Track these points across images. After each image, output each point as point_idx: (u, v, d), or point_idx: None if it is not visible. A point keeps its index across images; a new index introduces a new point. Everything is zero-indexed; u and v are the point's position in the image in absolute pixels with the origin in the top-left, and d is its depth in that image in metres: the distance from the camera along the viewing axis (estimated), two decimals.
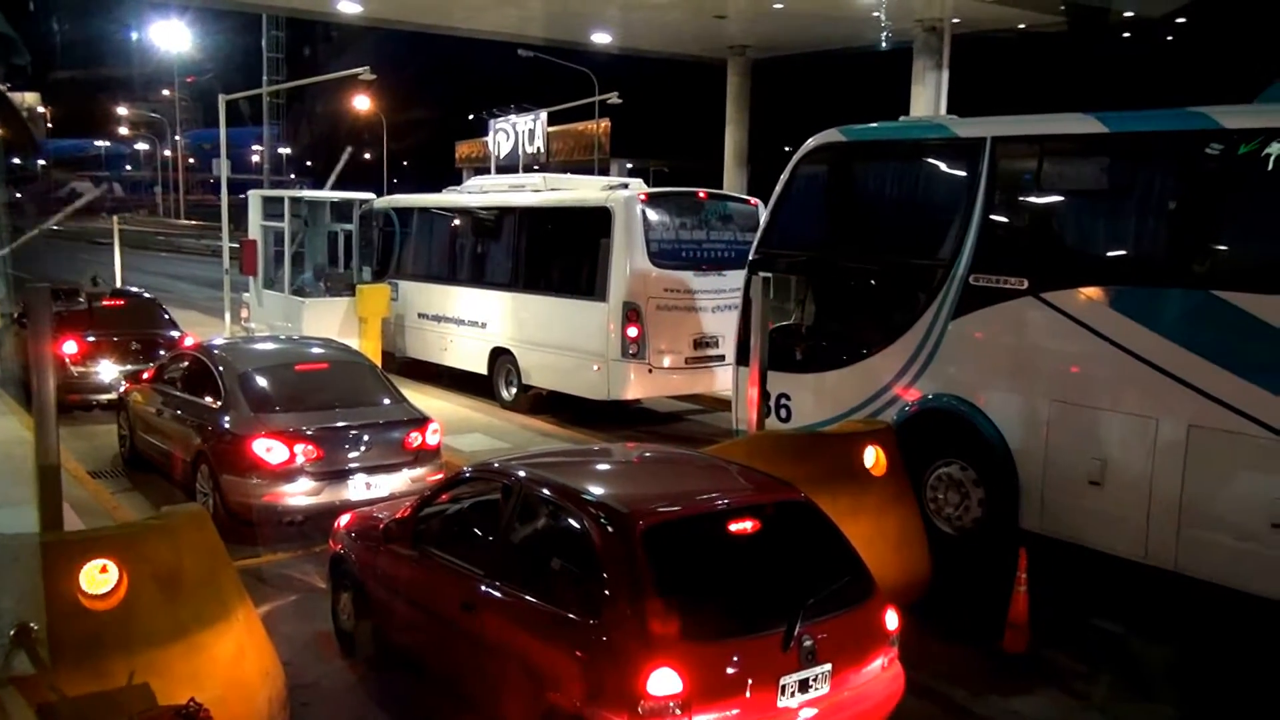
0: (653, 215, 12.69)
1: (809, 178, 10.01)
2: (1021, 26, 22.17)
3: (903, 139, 9.70)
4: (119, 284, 21.09)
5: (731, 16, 21.71)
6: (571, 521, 5.13)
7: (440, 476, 9.27)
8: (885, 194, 9.90)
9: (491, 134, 59.48)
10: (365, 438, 8.87)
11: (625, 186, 13.59)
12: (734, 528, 5.03)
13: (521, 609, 5.10)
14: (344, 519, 7.13)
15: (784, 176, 10.01)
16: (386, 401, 9.51)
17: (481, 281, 14.93)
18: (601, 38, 24.31)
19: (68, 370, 12.93)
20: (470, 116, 65.51)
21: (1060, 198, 8.68)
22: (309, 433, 8.65)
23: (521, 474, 5.63)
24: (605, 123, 48.70)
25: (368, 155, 77.62)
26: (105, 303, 13.62)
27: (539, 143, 47.40)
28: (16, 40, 17.51)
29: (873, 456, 7.74)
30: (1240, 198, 7.53)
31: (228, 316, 19.01)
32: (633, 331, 12.35)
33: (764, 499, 5.32)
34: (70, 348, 12.90)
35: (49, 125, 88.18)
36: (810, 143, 9.87)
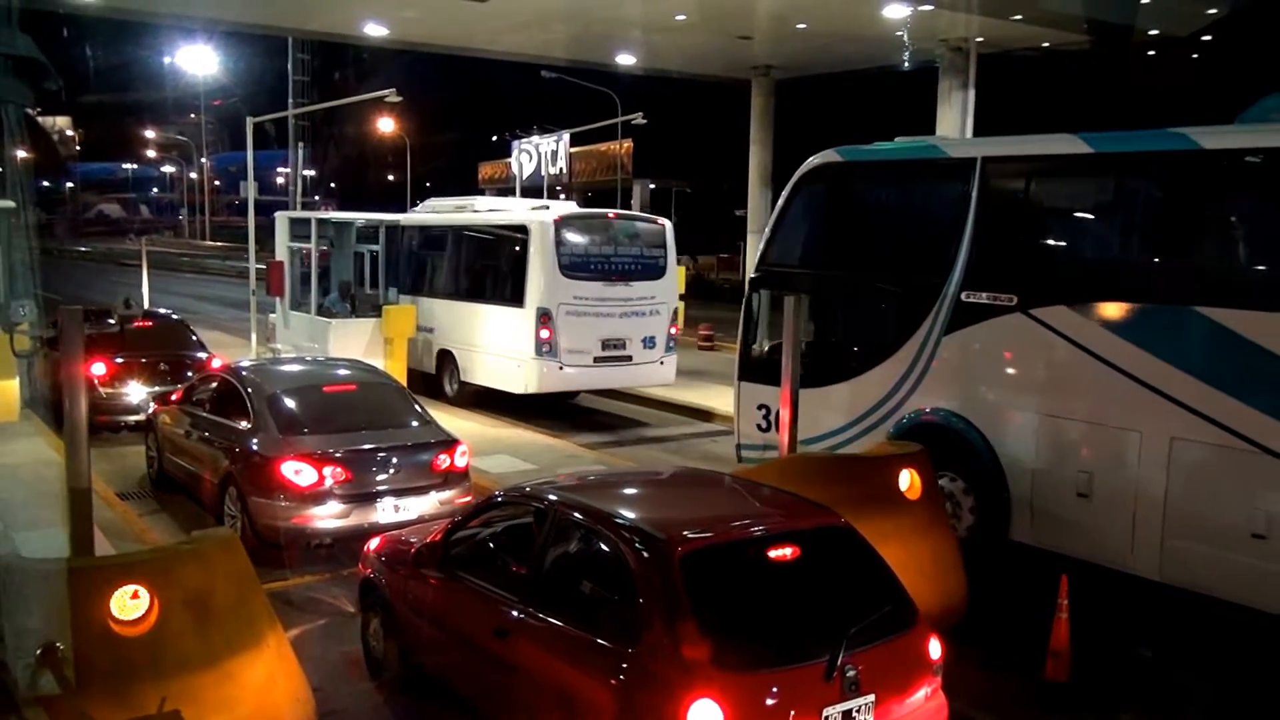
0: (566, 233, 14.32)
1: (807, 197, 10.25)
2: (1045, 45, 22.09)
3: (897, 160, 9.92)
4: (146, 305, 21.26)
5: (756, 38, 21.69)
6: (607, 547, 5.04)
7: (469, 499, 9.23)
8: (880, 212, 10.21)
9: (515, 155, 59.90)
10: (394, 460, 8.82)
11: (547, 208, 15.62)
12: (773, 554, 4.93)
13: (556, 636, 5.01)
14: (373, 543, 7.07)
15: (783, 195, 10.32)
16: (415, 423, 9.47)
17: (431, 292, 16.64)
18: (626, 59, 24.35)
19: (96, 392, 12.97)
20: (494, 138, 65.97)
21: (1047, 216, 8.95)
22: (337, 455, 8.61)
23: (555, 498, 5.55)
24: (628, 143, 48.84)
25: (391, 177, 78.28)
26: (134, 324, 13.65)
27: (561, 164, 47.66)
28: (48, 65, 17.66)
29: (907, 480, 7.62)
30: (1218, 216, 7.82)
31: (254, 337, 19.09)
32: (545, 334, 14.02)
33: (803, 524, 5.22)
34: (99, 369, 12.94)
35: (78, 148, 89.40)
36: (809, 163, 10.08)
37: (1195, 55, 30.31)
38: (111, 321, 13.36)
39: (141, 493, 10.95)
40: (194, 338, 14.49)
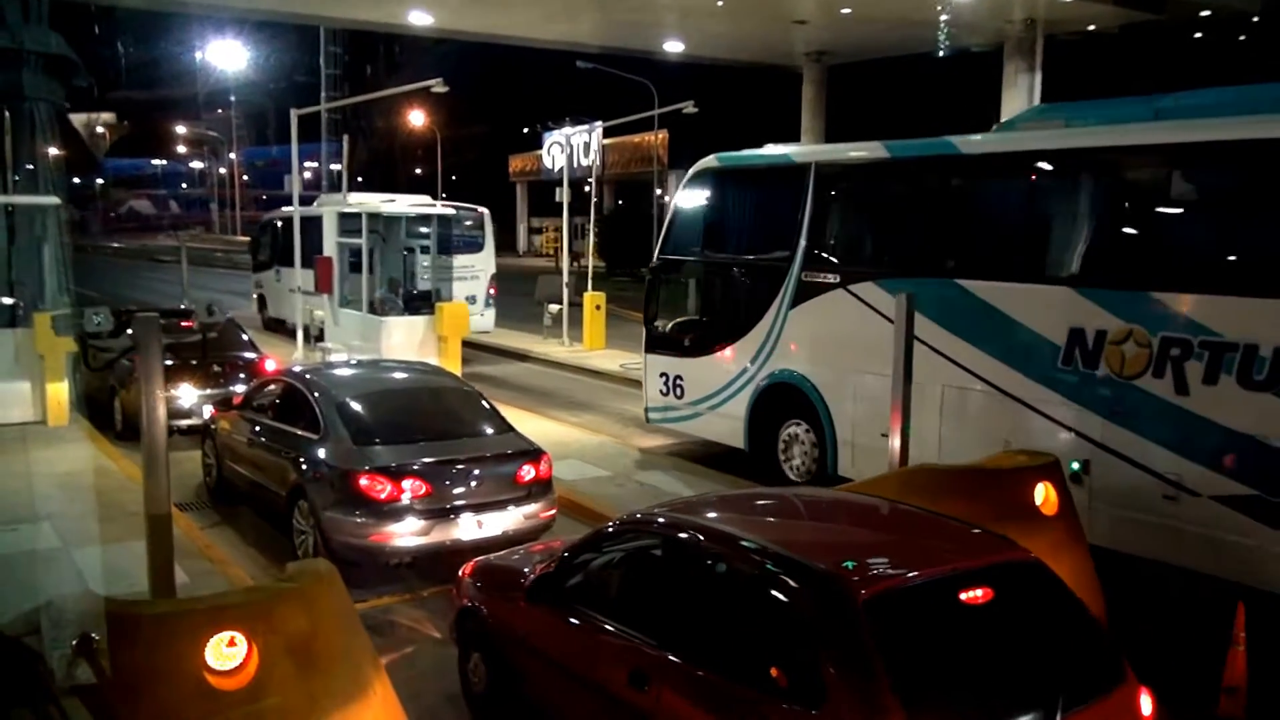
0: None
1: (694, 196, 12.25)
2: (1110, 26, 21.21)
3: (759, 165, 11.75)
4: (186, 303, 20.80)
5: (812, 21, 20.93)
6: (771, 587, 4.38)
7: (553, 513, 8.63)
8: (748, 208, 12.06)
9: (546, 147, 59.38)
10: (475, 472, 8.21)
11: (393, 201, 19.58)
12: (964, 596, 4.26)
13: (711, 689, 4.36)
14: (467, 568, 6.47)
15: (676, 195, 12.50)
16: (494, 431, 8.86)
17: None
18: (674, 46, 23.64)
19: None
20: (525, 130, 65.38)
21: (859, 208, 10.86)
22: (416, 467, 8.01)
23: (697, 528, 4.90)
24: (663, 134, 48.13)
25: (419, 170, 77.79)
26: (182, 324, 13.12)
27: (594, 155, 47.01)
28: (78, 63, 17.33)
29: (1043, 494, 6.98)
30: (973, 207, 9.75)
31: (300, 336, 18.57)
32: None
33: (991, 558, 4.55)
34: None
35: (108, 145, 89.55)
36: (695, 167, 12.22)
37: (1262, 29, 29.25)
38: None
39: (200, 503, 10.41)
40: (245, 337, 13.95)
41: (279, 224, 24.13)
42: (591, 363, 19.15)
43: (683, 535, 4.92)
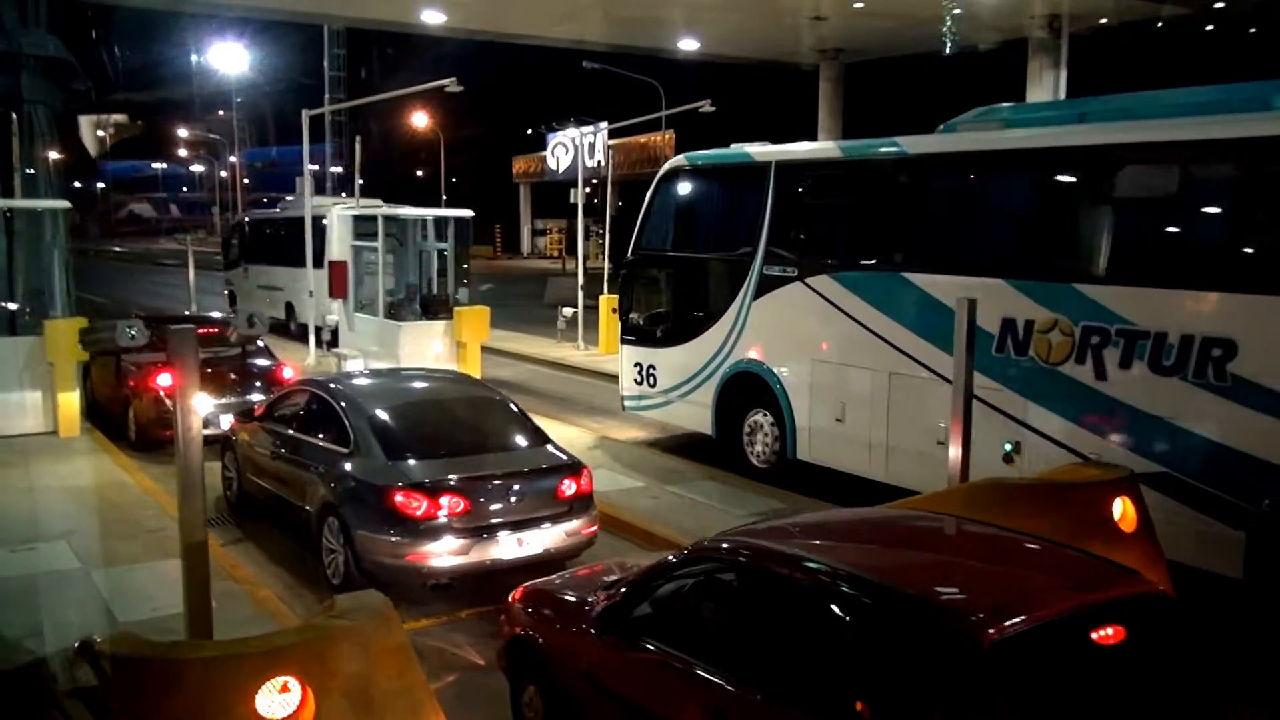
0: (351, 218, 18.61)
1: (664, 194, 12.70)
2: (1139, 18, 20.80)
3: (724, 164, 12.11)
4: (194, 308, 20.42)
5: (831, 17, 20.53)
6: (877, 625, 4.00)
7: (595, 529, 8.25)
8: (715, 205, 12.46)
9: (550, 148, 58.95)
10: (515, 487, 7.82)
11: (341, 201, 21.59)
12: (1095, 636, 3.87)
13: None
14: (517, 594, 6.08)
15: (648, 193, 12.82)
16: (531, 443, 8.47)
17: (281, 262, 23.44)
18: (689, 44, 23.23)
19: (162, 404, 12.08)
20: (529, 131, 64.94)
21: (815, 205, 11.11)
22: (453, 483, 7.61)
23: (785, 558, 4.51)
24: (669, 134, 47.71)
25: (420, 172, 77.25)
26: (199, 331, 12.69)
27: (599, 156, 46.60)
28: (76, 66, 17.00)
29: (1120, 509, 6.57)
30: (917, 203, 10.02)
31: (313, 341, 18.18)
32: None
33: (1118, 592, 4.15)
34: (165, 380, 12.02)
35: (109, 146, 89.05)
36: (665, 166, 12.83)
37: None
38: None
39: (220, 518, 10.01)
40: (261, 343, 13.54)
41: (247, 225, 27.40)
42: (609, 367, 18.69)
43: (769, 565, 4.53)
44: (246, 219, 28.48)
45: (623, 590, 5.18)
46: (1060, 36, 19.58)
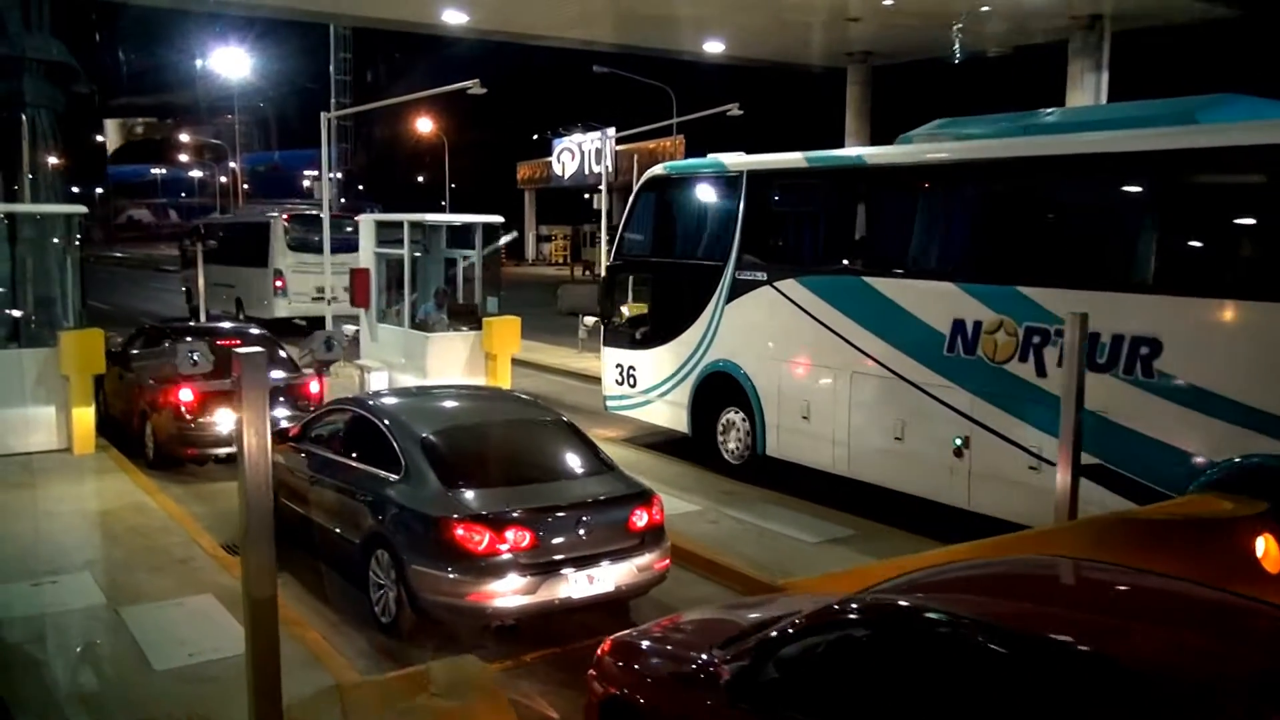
0: (292, 225, 24.49)
1: (644, 202, 13.28)
2: (1186, 20, 20.19)
3: (700, 173, 12.68)
4: (204, 318, 19.75)
5: (863, 18, 19.93)
6: (1102, 703, 3.35)
7: (667, 564, 7.58)
8: (692, 213, 12.95)
9: (556, 153, 58.30)
10: (584, 519, 7.16)
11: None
12: None
13: None
14: (606, 646, 5.43)
15: (630, 201, 13.39)
16: (597, 470, 7.81)
17: (231, 263, 27.00)
18: (714, 46, 22.65)
19: (183, 420, 11.43)
20: (535, 136, 64.31)
21: (783, 212, 11.82)
22: (517, 515, 6.96)
23: (976, 625, 3.86)
24: (679, 139, 47.08)
25: (421, 178, 76.53)
26: (220, 343, 12.05)
27: (607, 161, 46.01)
28: (79, 70, 16.52)
29: (1263, 547, 5.99)
30: (875, 211, 10.75)
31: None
32: (279, 283, 25.20)
33: None
34: (186, 395, 11.38)
35: (109, 152, 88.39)
36: (645, 175, 13.42)
37: None
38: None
39: None
40: (284, 355, 12.87)
41: (202, 228, 31.13)
42: None
43: (953, 631, 3.88)
44: (201, 224, 34.28)
45: (752, 652, 4.52)
46: (1102, 38, 18.97)
